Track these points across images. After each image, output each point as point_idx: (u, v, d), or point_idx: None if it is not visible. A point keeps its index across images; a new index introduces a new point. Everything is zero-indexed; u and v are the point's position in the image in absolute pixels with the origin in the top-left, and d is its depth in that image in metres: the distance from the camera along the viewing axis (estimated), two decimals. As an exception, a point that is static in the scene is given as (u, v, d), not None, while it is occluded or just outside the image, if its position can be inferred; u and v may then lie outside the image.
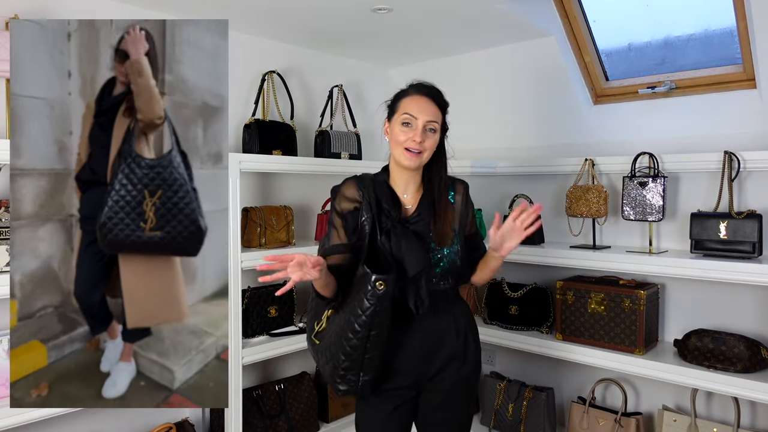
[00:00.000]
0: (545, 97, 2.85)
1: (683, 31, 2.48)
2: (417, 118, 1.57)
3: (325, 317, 1.56)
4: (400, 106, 1.61)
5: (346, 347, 1.46)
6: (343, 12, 2.41)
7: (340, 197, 1.62)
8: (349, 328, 1.45)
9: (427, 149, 1.59)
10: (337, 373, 1.51)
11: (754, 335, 2.23)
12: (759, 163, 2.18)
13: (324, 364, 1.56)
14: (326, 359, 1.54)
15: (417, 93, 1.61)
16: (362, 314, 1.42)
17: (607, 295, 2.39)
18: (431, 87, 1.64)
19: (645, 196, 2.37)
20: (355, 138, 2.95)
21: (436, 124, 1.59)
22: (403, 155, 1.58)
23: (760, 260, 2.07)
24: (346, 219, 1.60)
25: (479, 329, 2.75)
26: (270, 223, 2.55)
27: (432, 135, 1.59)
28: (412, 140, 1.56)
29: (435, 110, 1.60)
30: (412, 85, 1.64)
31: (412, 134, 1.56)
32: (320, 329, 1.57)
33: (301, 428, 2.68)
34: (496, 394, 2.74)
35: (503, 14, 2.41)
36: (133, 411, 2.38)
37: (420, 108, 1.58)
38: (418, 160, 1.58)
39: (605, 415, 2.46)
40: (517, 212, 1.60)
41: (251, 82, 2.76)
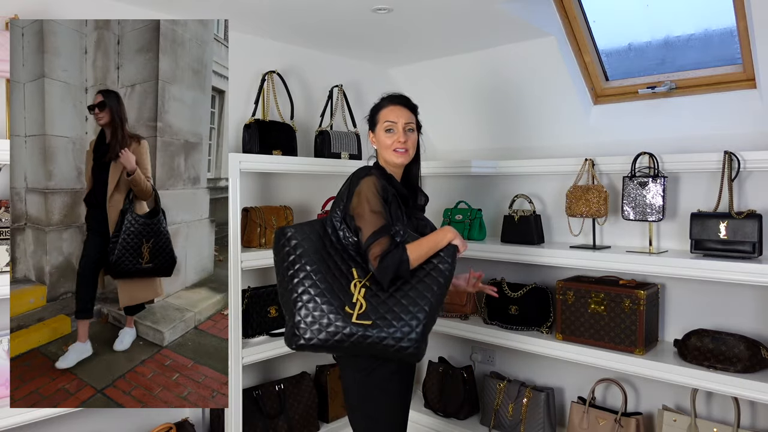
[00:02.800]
0: (545, 97, 2.85)
1: (683, 31, 2.48)
2: (396, 123, 1.87)
3: (360, 298, 1.67)
4: (380, 117, 1.90)
5: (430, 309, 1.66)
6: (343, 12, 2.41)
7: (379, 184, 1.78)
8: (434, 291, 1.68)
9: (411, 147, 1.89)
10: (415, 339, 1.63)
11: (754, 335, 2.23)
12: (759, 163, 2.18)
13: (389, 337, 1.64)
14: (394, 331, 1.63)
15: (391, 103, 1.90)
16: (446, 277, 1.71)
17: (607, 295, 2.39)
18: (401, 96, 1.93)
19: (645, 196, 2.37)
20: (355, 138, 2.95)
21: (412, 124, 1.91)
22: (394, 155, 1.87)
23: (760, 260, 2.07)
24: (388, 203, 1.79)
25: (479, 329, 2.77)
26: (270, 223, 2.55)
27: (411, 134, 1.90)
28: (398, 141, 1.86)
29: (408, 113, 1.91)
30: (384, 98, 1.93)
31: (396, 137, 1.86)
32: (362, 310, 1.66)
33: (301, 428, 2.68)
34: (496, 394, 2.74)
35: (503, 14, 2.41)
36: (133, 411, 2.38)
37: (397, 114, 1.88)
38: (407, 155, 1.88)
39: (605, 415, 2.46)
40: (476, 277, 2.07)
41: (251, 82, 2.76)
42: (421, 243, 1.72)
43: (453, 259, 1.73)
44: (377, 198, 1.74)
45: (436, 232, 1.78)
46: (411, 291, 1.68)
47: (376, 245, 1.67)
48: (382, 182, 1.79)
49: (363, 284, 1.69)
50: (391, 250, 1.67)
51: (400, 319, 1.64)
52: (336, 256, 1.75)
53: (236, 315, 2.34)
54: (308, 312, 1.66)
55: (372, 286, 1.69)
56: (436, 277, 1.70)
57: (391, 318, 1.64)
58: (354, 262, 1.74)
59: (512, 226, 2.74)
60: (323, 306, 1.66)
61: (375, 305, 1.66)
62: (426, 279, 1.70)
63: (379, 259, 1.66)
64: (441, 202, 3.14)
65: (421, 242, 1.72)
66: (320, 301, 1.66)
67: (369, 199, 1.74)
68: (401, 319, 1.64)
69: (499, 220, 2.90)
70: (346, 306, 1.66)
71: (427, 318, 1.65)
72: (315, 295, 1.67)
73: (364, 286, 1.69)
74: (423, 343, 1.65)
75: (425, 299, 1.66)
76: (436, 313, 1.69)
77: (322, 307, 1.66)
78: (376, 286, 1.69)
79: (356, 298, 1.67)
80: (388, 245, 1.67)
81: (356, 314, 1.64)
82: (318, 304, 1.66)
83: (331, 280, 1.70)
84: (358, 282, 1.69)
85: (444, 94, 3.21)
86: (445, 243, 1.74)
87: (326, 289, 1.68)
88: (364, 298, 1.67)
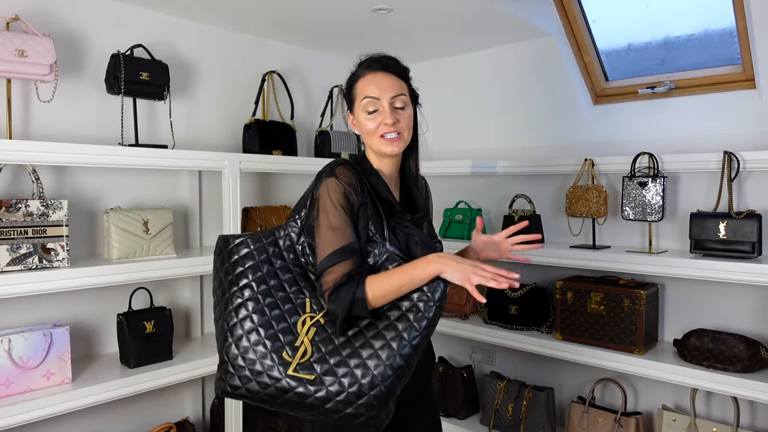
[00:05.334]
0: (545, 97, 2.85)
1: (683, 31, 2.48)
2: (379, 99, 1.36)
3: (306, 341, 1.23)
4: (357, 91, 1.40)
5: (402, 366, 1.20)
6: (343, 12, 2.41)
7: (345, 186, 1.32)
8: (411, 343, 1.21)
9: (405, 128, 1.38)
10: (374, 405, 1.19)
11: (753, 335, 2.23)
12: (759, 163, 2.18)
13: (335, 400, 1.19)
14: (338, 392, 1.19)
15: (370, 71, 1.39)
16: (429, 323, 1.23)
17: (607, 295, 2.39)
18: (383, 57, 1.41)
19: (645, 196, 2.37)
20: (355, 138, 2.95)
21: (404, 96, 1.38)
22: (382, 144, 1.37)
23: (760, 260, 2.07)
24: (356, 213, 1.33)
25: (479, 329, 2.78)
26: (270, 223, 2.55)
27: (403, 111, 1.38)
28: (383, 124, 1.36)
29: (396, 82, 1.38)
30: (360, 63, 1.42)
31: (381, 118, 1.36)
32: (304, 359, 1.21)
33: (301, 428, 2.68)
34: (495, 394, 2.74)
35: (503, 14, 2.42)
36: (133, 411, 2.39)
37: (379, 86, 1.36)
38: (400, 143, 1.38)
39: (605, 415, 2.46)
40: (512, 231, 1.51)
41: (251, 82, 2.76)
42: (391, 275, 1.25)
43: (439, 296, 1.23)
44: (337, 208, 1.29)
45: (417, 261, 1.27)
46: (375, 338, 1.22)
47: (329, 273, 1.25)
48: (347, 184, 1.31)
49: (315, 322, 1.25)
50: (344, 282, 1.23)
51: (351, 374, 1.19)
52: (288, 280, 1.30)
53: (236, 315, 2.34)
54: (248, 346, 1.23)
55: (327, 326, 1.25)
56: (411, 321, 1.22)
57: (340, 374, 1.19)
58: (311, 290, 1.30)
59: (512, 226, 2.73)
60: (266, 341, 1.23)
61: (325, 353, 1.22)
62: (398, 322, 1.23)
63: (330, 293, 1.24)
64: (441, 202, 3.14)
65: (392, 273, 1.25)
66: (263, 333, 1.24)
67: (327, 209, 1.29)
68: (352, 375, 1.19)
69: (499, 220, 2.90)
70: (285, 350, 1.22)
71: (390, 378, 1.18)
72: (259, 325, 1.25)
73: (317, 324, 1.25)
74: (381, 409, 1.19)
75: (391, 351, 1.20)
76: (408, 369, 1.22)
77: (265, 342, 1.23)
78: (333, 326, 1.25)
79: (300, 340, 1.23)
80: (344, 275, 1.24)
81: (295, 363, 1.21)
82: (261, 338, 1.24)
83: (279, 310, 1.27)
84: (309, 318, 1.26)
85: (444, 94, 3.21)
86: (425, 277, 1.24)
87: (274, 319, 1.25)
88: (312, 342, 1.23)
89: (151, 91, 2.26)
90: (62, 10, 2.18)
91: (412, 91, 1.44)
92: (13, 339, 1.87)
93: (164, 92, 2.30)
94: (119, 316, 2.17)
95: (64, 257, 1.96)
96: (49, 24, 2.14)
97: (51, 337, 1.95)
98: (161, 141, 2.42)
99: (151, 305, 2.28)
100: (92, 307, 2.27)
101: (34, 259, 1.89)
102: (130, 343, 2.14)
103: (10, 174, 2.05)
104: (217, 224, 2.59)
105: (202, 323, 2.61)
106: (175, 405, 2.53)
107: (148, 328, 2.18)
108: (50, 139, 2.13)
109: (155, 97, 2.29)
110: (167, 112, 2.40)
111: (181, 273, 2.22)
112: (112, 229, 2.11)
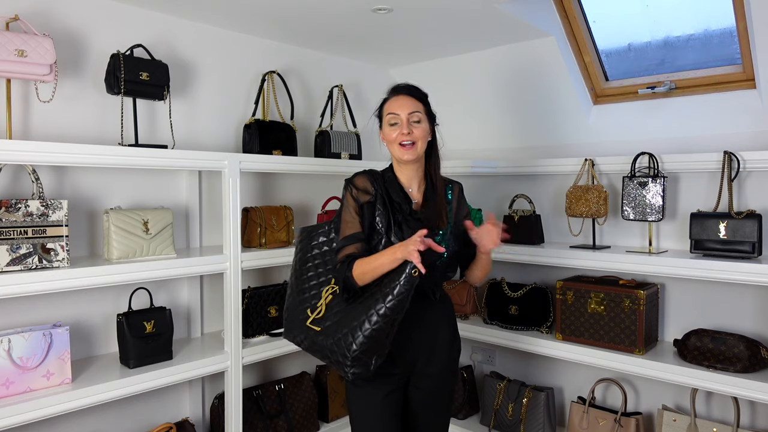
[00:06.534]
0: (545, 97, 2.85)
1: (683, 31, 2.48)
2: (399, 114, 1.74)
3: (324, 304, 1.68)
4: (384, 110, 1.80)
5: (371, 330, 1.54)
6: (343, 12, 2.41)
7: (356, 189, 1.74)
8: (378, 312, 1.54)
9: (418, 138, 1.74)
10: (349, 357, 1.55)
11: (753, 335, 2.23)
12: (759, 163, 2.18)
13: (329, 348, 1.60)
14: (332, 343, 1.59)
15: (395, 94, 1.80)
16: (394, 299, 1.53)
17: (607, 295, 2.39)
18: (407, 85, 1.81)
19: (645, 196, 2.37)
20: (355, 138, 2.95)
21: (419, 114, 1.75)
22: (399, 150, 1.74)
23: (760, 260, 2.07)
24: (362, 209, 1.72)
25: (479, 329, 2.78)
26: (270, 223, 2.55)
27: (418, 125, 1.75)
28: (401, 134, 1.73)
29: (414, 102, 1.76)
30: (390, 89, 1.83)
31: (399, 130, 1.73)
32: (319, 315, 1.66)
33: (301, 428, 2.68)
34: (495, 394, 2.74)
35: (503, 14, 2.42)
36: (133, 411, 2.39)
37: (400, 105, 1.75)
38: (413, 150, 1.74)
39: (605, 415, 2.46)
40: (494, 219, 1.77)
41: (251, 82, 2.76)
42: (371, 259, 1.63)
43: (406, 280, 1.53)
44: (348, 206, 1.72)
45: (391, 247, 1.62)
46: (360, 305, 1.61)
47: (340, 253, 1.69)
48: (358, 188, 1.74)
49: (333, 291, 1.70)
50: (345, 261, 1.66)
51: (340, 331, 1.58)
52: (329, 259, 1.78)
53: (236, 315, 2.34)
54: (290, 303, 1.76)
55: (340, 295, 1.68)
56: (379, 298, 1.55)
57: (335, 328, 1.61)
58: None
59: (512, 226, 2.74)
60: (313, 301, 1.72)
61: (333, 313, 1.65)
62: (374, 295, 1.58)
63: (337, 267, 1.68)
64: (441, 202, 3.14)
65: (372, 258, 1.63)
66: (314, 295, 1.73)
67: (343, 206, 1.75)
68: (340, 332, 1.58)
69: (499, 220, 2.89)
70: (309, 309, 1.70)
71: (362, 339, 1.53)
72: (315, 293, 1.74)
73: (334, 293, 1.69)
74: (356, 365, 1.57)
75: (362, 318, 1.55)
76: (379, 336, 1.55)
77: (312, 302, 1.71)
78: (342, 295, 1.68)
79: (320, 303, 1.69)
80: (346, 255, 1.67)
81: (312, 318, 1.67)
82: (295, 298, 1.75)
83: (320, 281, 1.75)
84: (331, 287, 1.71)
85: (444, 94, 3.20)
86: (392, 262, 1.57)
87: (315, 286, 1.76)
88: (327, 304, 1.68)
89: (151, 91, 2.26)
90: (62, 10, 2.18)
91: (429, 112, 1.80)
92: (13, 339, 1.87)
93: (164, 92, 2.30)
94: (119, 316, 2.17)
95: (64, 257, 1.96)
96: (49, 24, 2.14)
97: (51, 337, 1.95)
98: (161, 141, 2.42)
99: (151, 305, 2.28)
100: (92, 307, 2.27)
101: (34, 259, 1.89)
102: (130, 343, 2.14)
103: (10, 174, 2.05)
104: (217, 224, 2.59)
105: (202, 323, 2.60)
106: (175, 405, 2.53)
107: (148, 328, 2.18)
108: (50, 139, 2.13)
109: (155, 97, 2.29)
110: (167, 112, 2.40)
111: (181, 273, 2.22)
112: (112, 229, 2.11)
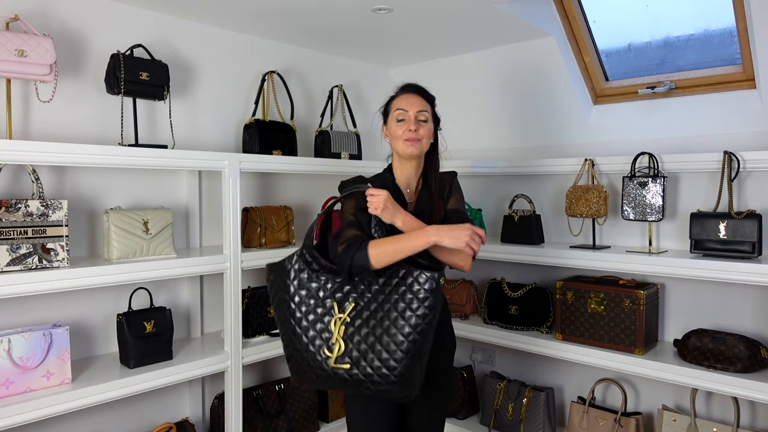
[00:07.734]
0: (545, 97, 2.85)
1: (683, 31, 2.48)
2: (408, 111, 1.74)
3: (339, 338, 1.50)
4: (392, 106, 1.79)
5: (423, 335, 1.47)
6: (343, 12, 2.41)
7: (354, 197, 1.69)
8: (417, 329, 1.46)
9: (424, 136, 1.74)
10: (396, 379, 1.46)
11: (753, 335, 2.23)
12: (759, 163, 2.18)
13: (370, 380, 1.47)
14: (371, 373, 1.47)
15: (404, 92, 1.80)
16: (430, 312, 1.47)
17: (607, 295, 2.39)
18: (416, 85, 1.82)
19: (645, 196, 2.37)
20: (355, 138, 2.95)
21: (426, 113, 1.76)
22: (404, 145, 1.73)
23: (760, 260, 2.07)
24: (360, 216, 1.68)
25: (479, 329, 2.78)
26: (270, 223, 2.55)
27: (424, 124, 1.75)
28: (408, 130, 1.72)
29: (423, 102, 1.77)
30: (399, 87, 1.83)
31: (406, 126, 1.73)
32: (340, 353, 1.49)
33: (301, 428, 2.68)
34: (495, 394, 2.74)
35: (503, 14, 2.42)
36: (133, 411, 2.39)
37: (409, 102, 1.75)
38: (419, 145, 1.73)
39: (605, 415, 2.46)
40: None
41: (251, 82, 2.76)
42: (390, 240, 1.54)
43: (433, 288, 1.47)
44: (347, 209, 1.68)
45: (415, 231, 1.55)
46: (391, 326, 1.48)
47: (342, 237, 1.60)
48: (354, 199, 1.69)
49: (343, 321, 1.51)
50: (352, 242, 1.55)
51: (377, 359, 1.46)
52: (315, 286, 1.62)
53: (236, 315, 2.34)
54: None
55: (353, 321, 1.51)
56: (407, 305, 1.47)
57: (370, 358, 1.46)
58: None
59: (512, 226, 2.74)
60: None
61: (355, 344, 1.49)
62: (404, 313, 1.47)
63: (343, 248, 1.55)
64: (441, 202, 3.14)
65: (391, 239, 1.54)
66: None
67: (344, 210, 1.69)
68: (378, 360, 1.46)
69: (499, 220, 2.90)
70: (324, 348, 1.51)
71: (404, 359, 1.44)
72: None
73: (345, 323, 1.51)
74: (404, 384, 1.46)
75: (401, 339, 1.45)
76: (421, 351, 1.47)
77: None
78: (356, 318, 1.51)
79: (335, 338, 1.50)
80: (351, 237, 1.58)
81: (335, 357, 1.49)
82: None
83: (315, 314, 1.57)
84: (338, 319, 1.51)
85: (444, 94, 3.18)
86: (418, 246, 1.51)
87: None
88: (344, 338, 1.49)
89: (151, 91, 2.26)
90: (62, 10, 2.18)
91: (434, 114, 1.81)
92: (13, 339, 1.87)
93: (164, 92, 2.30)
94: (119, 316, 2.17)
95: (64, 257, 1.96)
96: (49, 24, 2.14)
97: (51, 337, 1.95)
98: (161, 141, 2.42)
99: (151, 305, 2.28)
100: (92, 307, 2.27)
101: (34, 259, 1.89)
102: (130, 343, 2.14)
103: (10, 174, 2.05)
104: (217, 224, 2.59)
105: (202, 323, 2.60)
106: (175, 405, 2.53)
107: (148, 328, 2.18)
108: (50, 139, 2.13)
109: (155, 97, 2.29)
110: (167, 112, 2.40)
111: (181, 273, 2.22)
112: (112, 229, 2.11)
